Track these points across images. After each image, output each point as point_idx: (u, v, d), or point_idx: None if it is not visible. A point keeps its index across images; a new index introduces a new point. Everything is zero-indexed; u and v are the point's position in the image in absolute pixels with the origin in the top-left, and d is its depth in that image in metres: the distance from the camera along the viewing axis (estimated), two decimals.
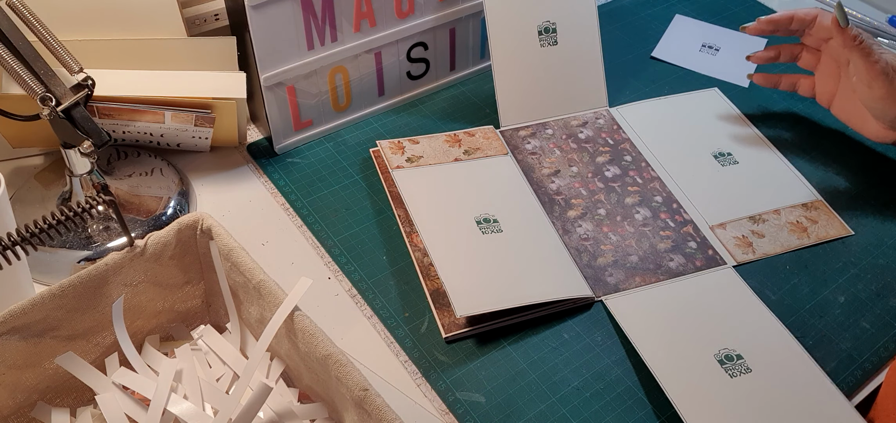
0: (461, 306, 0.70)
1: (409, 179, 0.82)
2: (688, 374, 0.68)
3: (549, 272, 0.76)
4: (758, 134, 0.94)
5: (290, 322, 0.59)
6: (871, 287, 0.78)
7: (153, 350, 0.66)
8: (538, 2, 0.91)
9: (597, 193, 0.85)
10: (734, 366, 0.68)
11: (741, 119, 0.96)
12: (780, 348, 0.71)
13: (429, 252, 0.75)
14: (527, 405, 0.67)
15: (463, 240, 0.77)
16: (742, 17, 1.13)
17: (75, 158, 0.73)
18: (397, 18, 0.90)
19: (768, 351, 0.70)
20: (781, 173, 0.89)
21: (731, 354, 0.69)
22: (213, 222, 0.64)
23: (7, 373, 0.59)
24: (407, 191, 0.81)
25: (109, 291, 0.62)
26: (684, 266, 0.78)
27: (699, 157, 0.90)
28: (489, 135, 0.90)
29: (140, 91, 0.78)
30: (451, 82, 0.99)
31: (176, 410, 0.60)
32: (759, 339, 0.71)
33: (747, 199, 0.85)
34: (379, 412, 0.53)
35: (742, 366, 0.68)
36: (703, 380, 0.67)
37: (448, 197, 0.81)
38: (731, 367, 0.68)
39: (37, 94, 0.68)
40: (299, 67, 0.86)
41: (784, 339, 0.71)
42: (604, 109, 0.95)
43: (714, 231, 0.82)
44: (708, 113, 0.97)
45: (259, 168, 0.88)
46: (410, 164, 0.84)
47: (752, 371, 0.68)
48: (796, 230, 0.82)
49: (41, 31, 0.71)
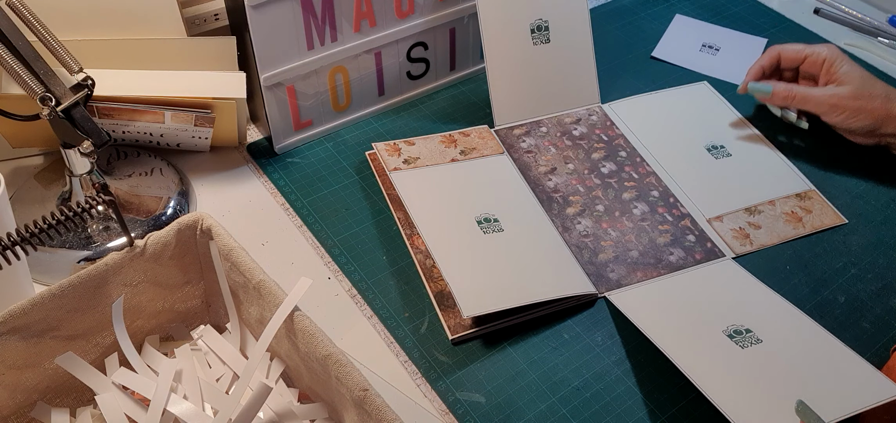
0: (468, 307, 0.70)
1: (408, 181, 0.82)
2: (700, 351, 0.68)
3: (553, 270, 0.76)
4: (749, 126, 0.95)
5: (290, 322, 0.59)
6: (871, 287, 0.78)
7: (153, 350, 0.65)
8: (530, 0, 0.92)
9: (594, 190, 0.85)
10: (744, 338, 0.69)
11: (732, 112, 0.97)
12: (788, 318, 0.71)
13: (431, 254, 0.75)
14: (527, 405, 0.67)
15: (465, 240, 0.77)
16: (742, 16, 1.13)
17: (75, 158, 0.73)
18: (397, 18, 0.90)
19: (776, 322, 0.71)
20: (774, 164, 0.90)
21: (740, 328, 0.70)
22: (213, 222, 0.64)
23: (7, 373, 0.59)
24: (406, 193, 0.81)
25: (109, 291, 0.62)
26: (684, 260, 0.79)
27: (693, 150, 0.91)
28: (484, 134, 0.90)
29: (140, 91, 0.78)
30: (451, 82, 0.99)
31: (176, 410, 0.60)
32: (765, 313, 0.72)
33: (742, 191, 0.86)
34: (379, 412, 0.53)
35: (752, 338, 0.69)
36: (715, 355, 0.67)
37: (447, 198, 0.81)
38: (740, 340, 0.69)
39: (37, 94, 0.68)
40: (299, 67, 0.86)
41: (789, 310, 0.72)
42: (596, 106, 0.96)
43: (711, 224, 0.82)
44: (699, 107, 0.97)
45: (259, 168, 0.88)
46: (407, 166, 0.84)
47: (763, 342, 0.68)
48: (792, 220, 0.83)
49: (41, 31, 0.71)
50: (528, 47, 0.92)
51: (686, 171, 0.88)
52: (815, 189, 0.87)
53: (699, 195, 0.85)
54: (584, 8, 0.94)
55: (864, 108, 0.86)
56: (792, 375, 0.66)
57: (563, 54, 0.93)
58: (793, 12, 1.15)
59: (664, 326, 0.70)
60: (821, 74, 0.90)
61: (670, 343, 0.68)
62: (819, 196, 0.86)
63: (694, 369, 0.65)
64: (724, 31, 1.11)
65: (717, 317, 0.71)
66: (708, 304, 0.73)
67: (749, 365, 0.66)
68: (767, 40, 1.09)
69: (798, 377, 0.66)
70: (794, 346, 0.69)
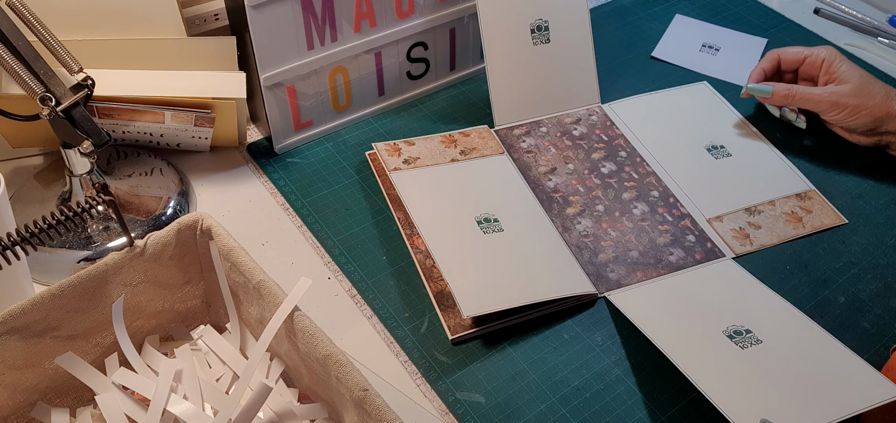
0: (467, 307, 0.70)
1: (408, 181, 0.82)
2: (699, 351, 0.68)
3: (553, 270, 0.76)
4: (749, 126, 0.95)
5: (290, 322, 0.59)
6: (871, 287, 0.78)
7: (153, 350, 0.65)
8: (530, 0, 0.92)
9: (594, 190, 0.85)
10: (744, 339, 0.69)
11: (732, 112, 0.97)
12: (788, 318, 0.71)
13: (431, 254, 0.75)
14: (527, 405, 0.67)
15: (465, 240, 0.77)
16: (742, 16, 1.13)
17: (75, 158, 0.73)
18: (397, 18, 0.90)
19: (775, 322, 0.71)
20: (774, 164, 0.90)
21: (740, 329, 0.70)
22: (213, 222, 0.64)
23: (7, 373, 0.59)
24: (406, 193, 0.81)
25: (109, 291, 0.62)
26: (684, 259, 0.79)
27: (693, 150, 0.91)
28: (484, 134, 0.90)
29: (140, 91, 0.78)
30: (451, 82, 0.99)
31: (176, 410, 0.60)
32: (765, 314, 0.72)
33: (742, 191, 0.86)
34: (379, 412, 0.53)
35: (751, 338, 0.69)
36: (715, 355, 0.67)
37: (447, 198, 0.81)
38: (740, 340, 0.69)
39: (37, 94, 0.68)
40: (299, 67, 0.86)
41: (789, 311, 0.72)
42: (596, 106, 0.96)
43: (711, 224, 0.82)
44: (699, 107, 0.97)
45: (259, 168, 0.88)
46: (407, 166, 0.84)
47: (763, 342, 0.69)
48: (792, 220, 0.83)
49: (41, 31, 0.71)
50: (528, 47, 0.92)
51: (686, 171, 0.88)
52: (815, 189, 0.87)
53: (699, 195, 0.86)
54: (584, 8, 0.94)
55: (863, 105, 0.86)
56: (791, 376, 0.66)
57: (563, 54, 0.93)
58: (793, 12, 1.15)
59: (664, 326, 0.70)
60: (820, 74, 0.90)
61: (670, 344, 0.68)
62: (819, 196, 0.86)
63: (694, 369, 0.65)
64: (724, 31, 1.11)
65: (716, 317, 0.71)
66: (708, 304, 0.73)
67: (749, 366, 0.66)
68: (767, 40, 1.09)
69: (798, 377, 0.66)
70: (794, 347, 0.69)
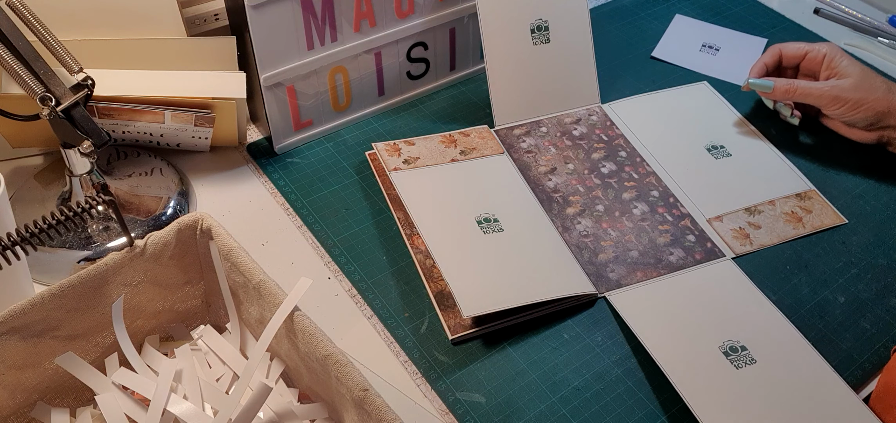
0: (467, 307, 0.70)
1: (408, 181, 0.82)
2: (694, 366, 0.68)
3: (553, 270, 0.76)
4: (749, 126, 0.94)
5: (290, 322, 0.59)
6: (871, 287, 0.78)
7: (153, 350, 0.65)
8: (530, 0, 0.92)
9: (594, 190, 0.85)
10: (739, 357, 0.69)
11: (732, 112, 0.97)
12: (784, 340, 0.71)
13: (431, 254, 0.75)
14: (527, 405, 0.67)
15: (465, 240, 0.77)
16: (742, 16, 1.13)
17: (75, 158, 0.73)
18: (397, 18, 0.90)
19: (772, 342, 0.71)
20: (774, 164, 0.90)
21: (736, 345, 0.70)
22: (213, 222, 0.64)
23: (7, 373, 0.59)
24: (406, 193, 0.81)
25: (109, 291, 0.62)
26: (684, 260, 0.79)
27: (693, 150, 0.91)
28: (484, 134, 0.90)
29: (140, 91, 0.78)
30: (451, 82, 0.99)
31: (176, 410, 0.60)
32: (762, 330, 0.72)
33: (742, 191, 0.86)
34: (379, 412, 0.53)
35: (747, 357, 0.69)
36: (709, 372, 0.68)
37: (447, 198, 0.81)
38: (736, 358, 0.69)
39: (37, 94, 0.68)
40: (299, 67, 0.86)
41: (787, 330, 0.72)
42: (596, 106, 0.96)
43: (711, 224, 0.82)
44: (699, 107, 0.97)
45: (259, 168, 0.88)
46: (407, 166, 0.84)
47: (757, 362, 0.69)
48: (792, 220, 0.83)
49: (41, 31, 0.71)
50: (528, 47, 0.92)
51: (686, 171, 0.88)
52: (815, 189, 0.87)
53: (699, 195, 0.85)
54: (584, 8, 0.94)
55: (865, 100, 0.86)
56: (781, 402, 0.66)
57: (563, 54, 0.93)
58: (793, 12, 1.15)
59: (662, 335, 0.71)
60: (821, 69, 0.90)
61: (666, 356, 0.68)
62: (819, 196, 0.86)
63: (688, 386, 0.66)
64: (724, 31, 1.11)
65: (714, 329, 0.71)
66: (706, 312, 0.73)
67: (742, 389, 0.67)
68: (767, 40, 1.09)
69: (787, 405, 0.66)
70: (787, 371, 0.69)
